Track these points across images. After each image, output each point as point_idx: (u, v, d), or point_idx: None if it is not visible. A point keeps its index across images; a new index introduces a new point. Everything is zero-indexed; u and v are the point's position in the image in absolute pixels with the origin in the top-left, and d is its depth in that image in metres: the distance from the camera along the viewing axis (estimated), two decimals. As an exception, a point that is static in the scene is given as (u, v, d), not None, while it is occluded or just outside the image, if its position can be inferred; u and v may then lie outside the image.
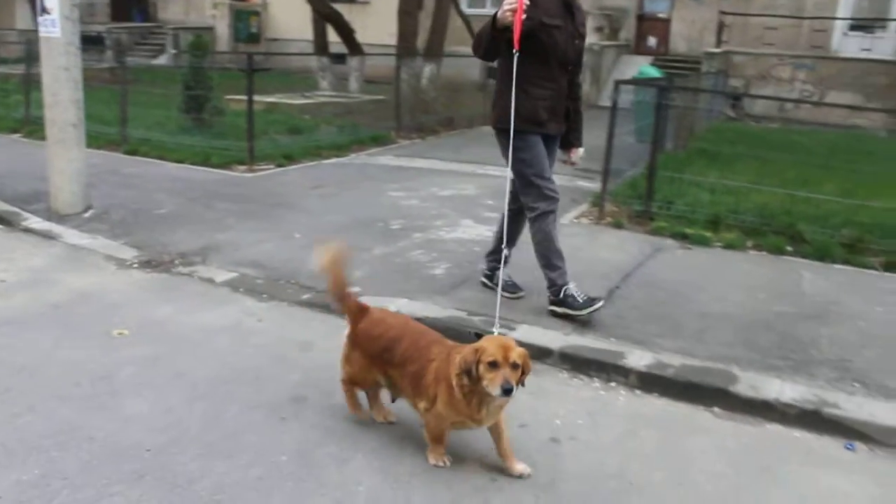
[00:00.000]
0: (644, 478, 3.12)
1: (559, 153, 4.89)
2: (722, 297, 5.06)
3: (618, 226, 6.75)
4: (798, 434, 3.59)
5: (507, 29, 3.98)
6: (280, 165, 9.00)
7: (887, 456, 3.44)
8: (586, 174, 9.17)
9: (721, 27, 18.85)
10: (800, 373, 4.00)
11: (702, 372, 3.95)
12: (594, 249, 5.99)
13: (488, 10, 20.92)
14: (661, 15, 20.86)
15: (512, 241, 4.79)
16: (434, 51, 14.37)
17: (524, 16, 3.91)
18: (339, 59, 17.24)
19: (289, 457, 3.11)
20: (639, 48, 21.00)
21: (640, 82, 10.43)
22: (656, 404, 3.80)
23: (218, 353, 4.10)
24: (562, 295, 4.51)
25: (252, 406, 3.52)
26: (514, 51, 4.01)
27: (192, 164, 8.84)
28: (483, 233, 6.22)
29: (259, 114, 9.74)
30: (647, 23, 20.91)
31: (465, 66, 15.50)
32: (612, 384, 3.96)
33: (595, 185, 8.18)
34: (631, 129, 9.67)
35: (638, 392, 3.90)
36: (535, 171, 4.51)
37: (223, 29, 24.05)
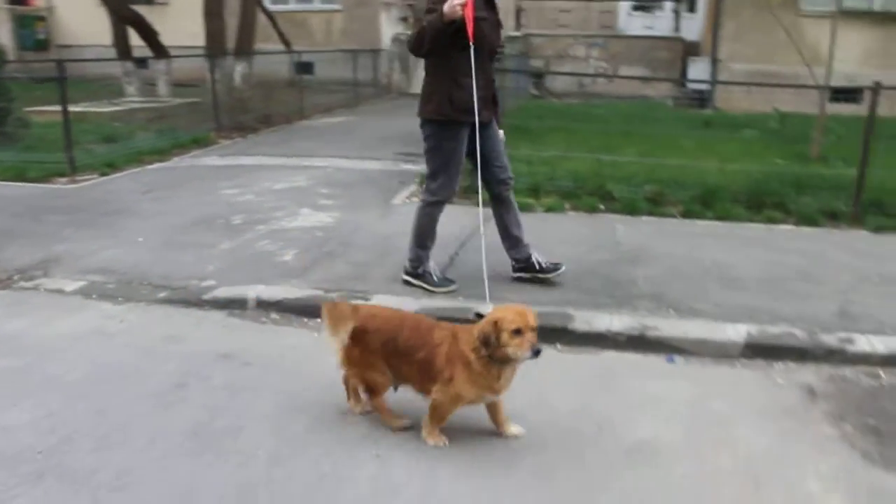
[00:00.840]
0: (510, 404, 3.57)
1: None
2: (550, 252, 5.61)
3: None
4: (629, 356, 4.21)
5: (453, 23, 4.21)
6: (104, 174, 8.82)
7: (699, 363, 4.12)
8: (408, 158, 9.66)
9: (519, 12, 19.91)
10: (624, 307, 4.63)
11: (543, 316, 4.40)
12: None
13: (292, 7, 21.01)
14: (461, 3, 21.76)
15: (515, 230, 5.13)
16: (244, 49, 14.37)
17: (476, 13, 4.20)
18: (142, 63, 16.75)
19: (183, 436, 3.29)
20: (443, 36, 21.80)
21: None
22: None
23: (86, 355, 4.15)
24: (421, 271, 4.90)
25: (135, 398, 3.64)
26: (468, 43, 4.30)
27: (5, 180, 8.50)
28: (323, 219, 6.51)
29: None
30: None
31: (275, 63, 15.59)
32: (467, 336, 4.40)
33: (417, 168, 8.65)
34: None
35: (491, 340, 4.36)
36: (454, 163, 4.79)
37: (5, 36, 22.59)
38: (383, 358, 3.26)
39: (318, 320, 4.43)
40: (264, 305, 4.68)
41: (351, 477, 3.00)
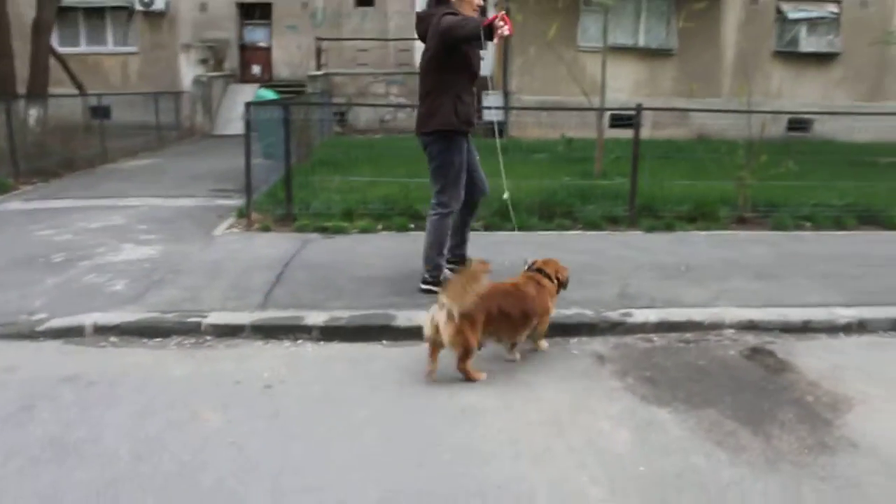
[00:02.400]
0: (344, 393, 4.04)
1: None
2: (368, 266, 6.16)
3: (266, 229, 7.55)
4: (446, 345, 4.76)
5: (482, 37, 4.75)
6: None
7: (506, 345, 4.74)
8: (223, 194, 9.91)
9: (319, 52, 20.46)
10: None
11: (367, 317, 4.97)
12: (252, 249, 6.75)
13: (84, 49, 20.47)
14: (261, 44, 22.06)
15: (464, 231, 5.83)
16: (37, 92, 13.94)
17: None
18: None
19: (41, 448, 3.44)
20: (245, 76, 22.00)
21: (263, 103, 11.28)
22: (338, 348, 4.74)
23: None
24: (442, 279, 5.32)
25: (-19, 423, 3.76)
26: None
27: None
28: (148, 252, 6.68)
29: None
30: (250, 52, 21.99)
31: (71, 106, 15.19)
32: (300, 341, 4.81)
33: (234, 202, 8.95)
34: (256, 149, 10.53)
35: (322, 343, 4.80)
36: (461, 174, 5.38)
37: None
38: (483, 326, 4.13)
39: (159, 339, 4.74)
40: (102, 331, 4.85)
41: (211, 461, 3.33)
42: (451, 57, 5.19)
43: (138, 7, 21.10)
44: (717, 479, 3.25)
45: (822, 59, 19.37)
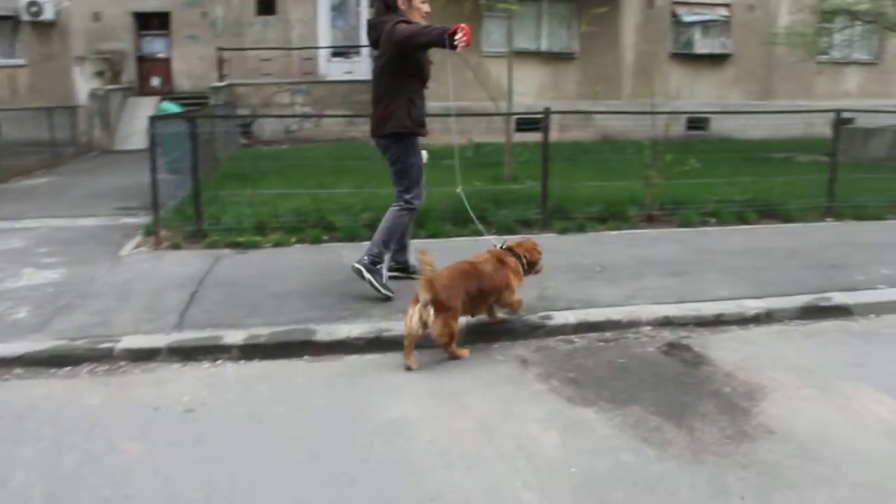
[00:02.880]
0: (269, 412, 3.95)
1: None
2: (285, 280, 6.05)
3: (176, 247, 7.33)
4: (370, 356, 4.73)
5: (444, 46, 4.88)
6: None
7: (428, 352, 4.72)
8: (128, 212, 9.61)
9: (221, 62, 20.05)
10: (360, 316, 5.16)
11: (287, 333, 4.88)
12: (163, 268, 6.55)
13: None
14: (160, 55, 21.46)
15: (407, 236, 6.04)
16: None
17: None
18: None
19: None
20: (144, 89, 21.37)
21: (167, 117, 10.98)
22: (259, 366, 4.63)
23: None
24: (378, 267, 5.58)
25: None
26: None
27: None
28: (51, 276, 6.38)
29: None
30: (148, 63, 21.38)
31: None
32: (220, 362, 4.68)
33: (140, 220, 8.68)
34: (161, 164, 10.23)
35: (242, 362, 4.68)
36: (421, 172, 5.68)
37: None
38: (464, 306, 4.60)
39: (69, 368, 4.55)
40: (5, 363, 4.60)
41: (134, 495, 3.20)
42: (405, 63, 5.40)
43: (25, 17, 20.24)
44: (646, 475, 3.31)
45: (716, 60, 20.11)
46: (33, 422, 3.92)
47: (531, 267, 5.08)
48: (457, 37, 4.81)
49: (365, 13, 22.17)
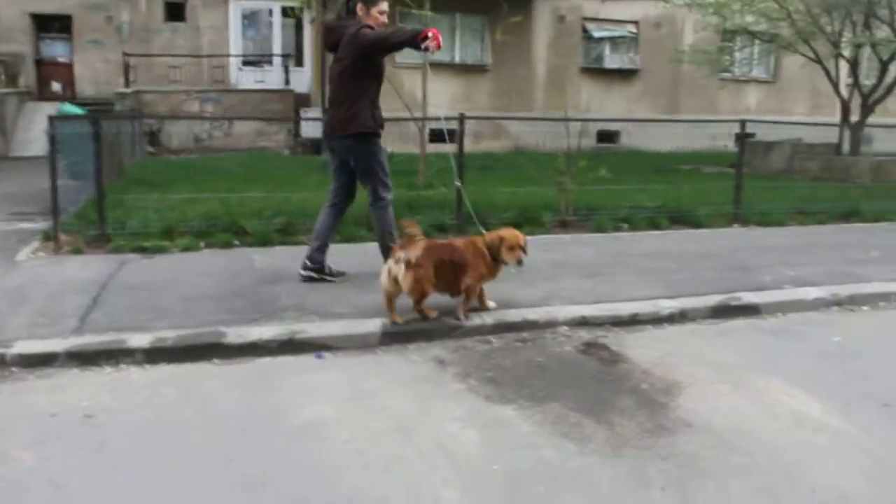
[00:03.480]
0: (176, 415, 3.76)
1: None
2: (194, 284, 5.83)
3: (78, 252, 6.98)
4: (282, 358, 4.57)
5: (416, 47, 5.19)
6: None
7: (345, 355, 4.63)
8: (24, 217, 9.16)
9: (127, 68, 19.43)
10: (272, 319, 4.99)
11: (196, 336, 4.67)
12: (63, 272, 6.22)
13: None
14: (61, 59, 20.64)
15: (332, 236, 6.15)
16: None
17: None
18: None
19: None
20: (43, 94, 20.52)
21: (68, 118, 10.51)
22: (166, 370, 4.42)
23: None
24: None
25: None
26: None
27: None
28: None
29: None
30: (49, 67, 20.53)
31: None
32: (123, 366, 4.44)
33: (37, 226, 8.27)
34: (62, 169, 9.80)
35: (147, 366, 4.45)
36: (385, 168, 5.84)
37: None
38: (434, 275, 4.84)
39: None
40: None
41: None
42: (367, 66, 5.60)
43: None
44: (568, 470, 3.27)
45: (625, 75, 20.60)
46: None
47: (495, 257, 5.03)
48: (427, 42, 5.11)
49: (277, 23, 21.91)
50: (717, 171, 14.08)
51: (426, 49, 5.16)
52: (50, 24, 20.56)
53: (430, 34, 5.10)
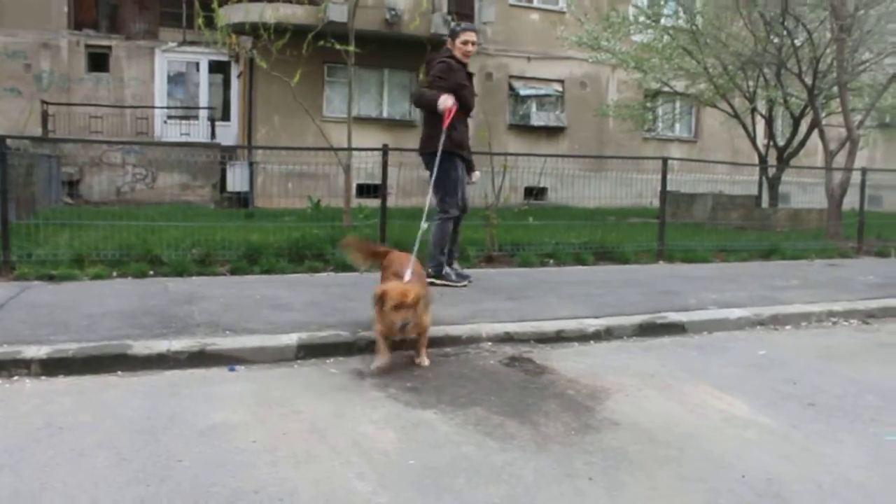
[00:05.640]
0: (70, 421, 3.47)
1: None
2: (102, 304, 5.51)
3: (-22, 280, 6.61)
4: (192, 371, 4.31)
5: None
6: None
7: (259, 368, 4.40)
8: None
9: (46, 117, 18.89)
10: (182, 333, 4.72)
11: (99, 349, 4.37)
12: (-40, 298, 5.84)
13: None
14: (-25, 106, 19.98)
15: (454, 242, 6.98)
16: None
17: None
18: None
19: None
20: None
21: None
22: (64, 381, 4.11)
23: None
24: (444, 273, 6.67)
25: None
26: (444, 127, 6.24)
27: None
28: None
29: None
30: (-39, 115, 19.79)
31: None
32: (16, 378, 4.12)
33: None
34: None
35: (43, 378, 4.14)
36: (457, 185, 6.61)
37: None
38: None
39: None
40: None
41: None
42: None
43: None
44: (489, 463, 3.10)
45: (552, 132, 20.96)
46: None
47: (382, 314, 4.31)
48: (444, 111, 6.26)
49: (204, 77, 21.75)
50: (642, 222, 14.28)
51: (441, 112, 6.26)
52: (-35, 72, 19.96)
53: (445, 105, 6.25)
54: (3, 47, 19.75)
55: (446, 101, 6.25)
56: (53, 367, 4.20)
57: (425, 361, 4.51)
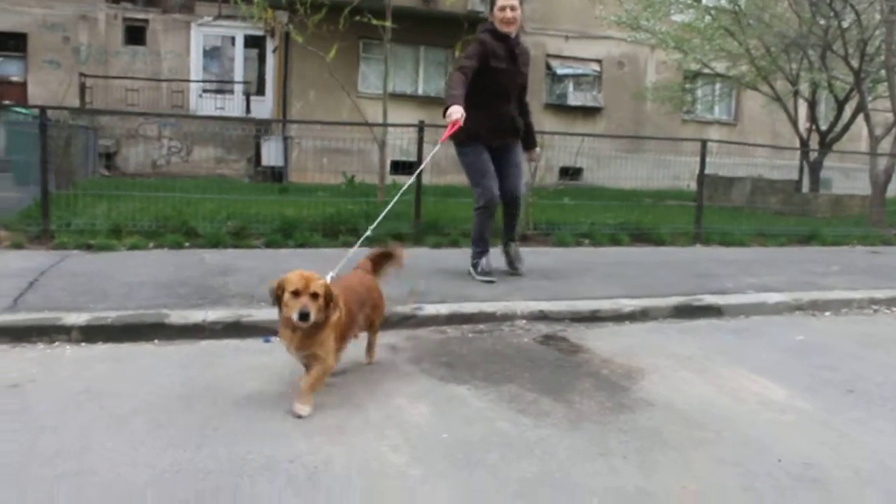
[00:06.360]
0: (108, 388, 3.51)
1: (525, 154, 6.46)
2: (138, 274, 5.58)
3: (18, 246, 6.69)
4: (227, 341, 4.34)
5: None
6: None
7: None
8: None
9: (83, 89, 19.10)
10: (218, 304, 4.76)
11: (137, 317, 4.43)
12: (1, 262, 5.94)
13: None
14: (14, 78, 20.20)
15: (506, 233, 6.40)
16: None
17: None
18: None
19: None
20: (-5, 113, 20.02)
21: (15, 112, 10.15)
22: (103, 348, 4.17)
23: None
24: (475, 262, 6.07)
25: None
26: (439, 142, 5.46)
27: None
28: None
29: None
30: (1, 86, 20.02)
31: None
32: (57, 343, 4.19)
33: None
34: (9, 178, 9.46)
35: (83, 344, 4.20)
36: (481, 174, 5.92)
37: None
38: None
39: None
40: None
41: None
42: (479, 79, 5.68)
43: None
44: (523, 439, 3.08)
45: (588, 112, 20.77)
46: None
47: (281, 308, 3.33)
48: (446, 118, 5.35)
49: (240, 51, 21.81)
50: (679, 204, 14.13)
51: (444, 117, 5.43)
52: (4, 42, 20.14)
53: (450, 118, 5.29)
54: (42, 20, 19.94)
55: (452, 115, 5.29)
56: (93, 333, 4.25)
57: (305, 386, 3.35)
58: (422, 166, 6.10)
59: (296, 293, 3.20)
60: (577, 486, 2.69)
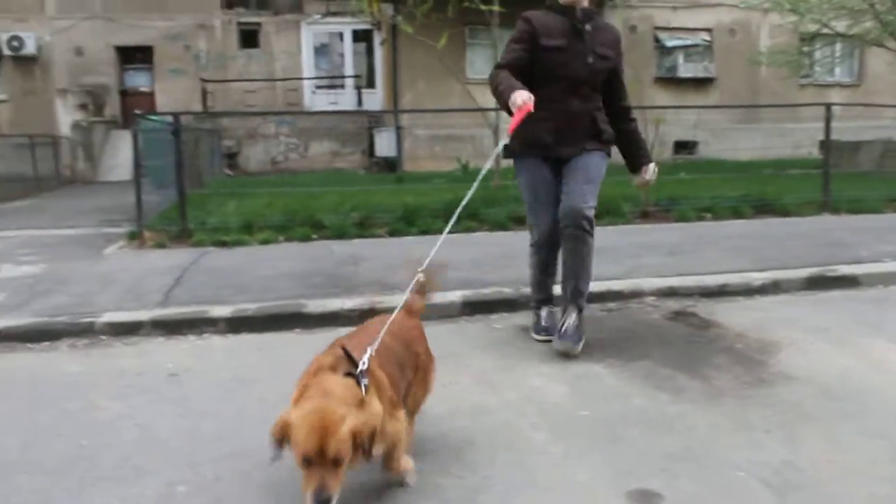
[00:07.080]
0: (255, 375, 3.73)
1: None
2: (273, 267, 5.85)
3: (161, 246, 7.11)
4: (363, 327, 4.50)
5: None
6: None
7: (424, 324, 4.50)
8: (111, 223, 9.38)
9: (205, 94, 19.95)
10: (352, 293, 4.96)
11: (277, 308, 4.67)
12: (147, 261, 6.33)
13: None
14: (143, 89, 21.30)
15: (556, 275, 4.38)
16: None
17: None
18: None
19: None
20: (127, 123, 21.15)
21: (151, 120, 10.73)
22: (248, 338, 4.41)
23: None
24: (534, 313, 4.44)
25: None
26: (506, 140, 3.99)
27: None
28: (30, 270, 6.14)
29: None
30: (132, 97, 21.11)
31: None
32: (206, 335, 4.46)
33: (123, 230, 8.45)
34: (147, 182, 10.03)
35: (229, 335, 4.46)
36: (533, 198, 4.26)
37: None
38: None
39: (47, 343, 4.33)
40: (-21, 339, 4.37)
41: (113, 444, 2.97)
42: (530, 68, 4.05)
43: (6, 52, 20.08)
44: (662, 415, 3.11)
45: (700, 84, 20.20)
46: (8, 385, 3.69)
47: None
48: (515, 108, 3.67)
49: (349, 46, 22.26)
50: (801, 173, 13.63)
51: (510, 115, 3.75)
52: (133, 56, 21.27)
53: (514, 106, 3.65)
54: (166, 31, 20.92)
55: (515, 100, 3.62)
56: (238, 324, 4.52)
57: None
58: (487, 165, 3.81)
59: (307, 461, 2.05)
60: (721, 461, 2.70)
